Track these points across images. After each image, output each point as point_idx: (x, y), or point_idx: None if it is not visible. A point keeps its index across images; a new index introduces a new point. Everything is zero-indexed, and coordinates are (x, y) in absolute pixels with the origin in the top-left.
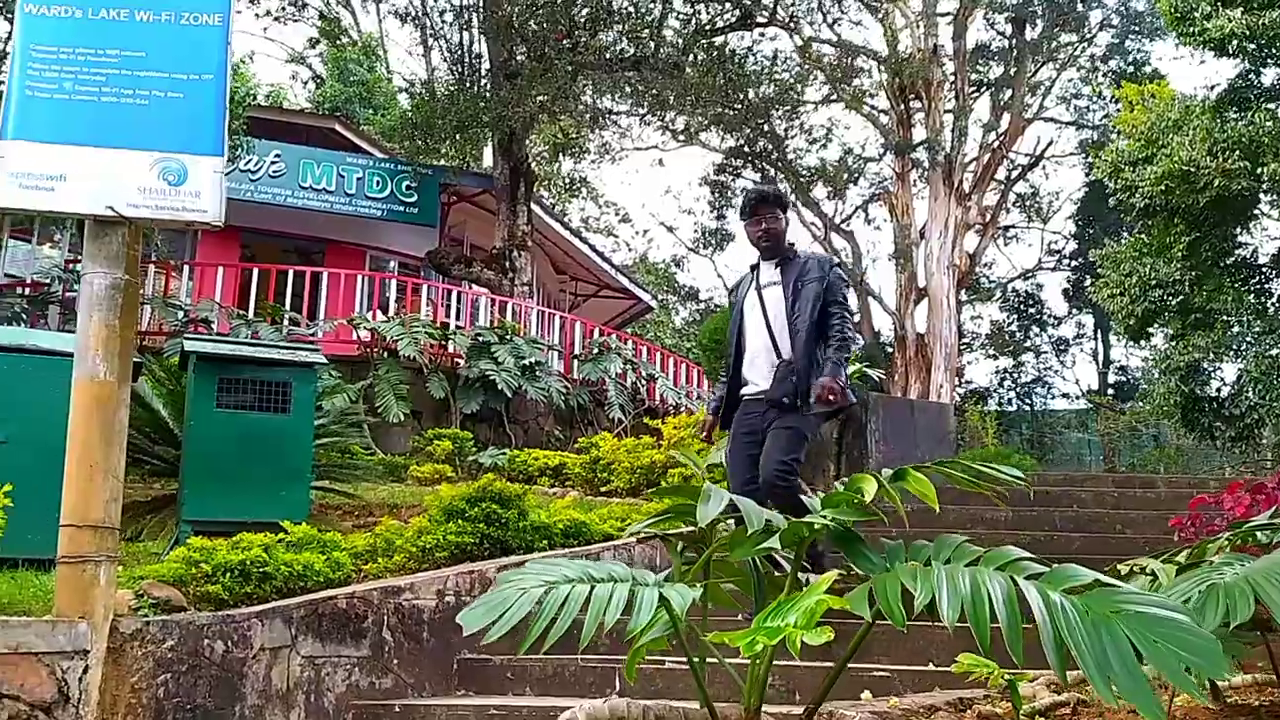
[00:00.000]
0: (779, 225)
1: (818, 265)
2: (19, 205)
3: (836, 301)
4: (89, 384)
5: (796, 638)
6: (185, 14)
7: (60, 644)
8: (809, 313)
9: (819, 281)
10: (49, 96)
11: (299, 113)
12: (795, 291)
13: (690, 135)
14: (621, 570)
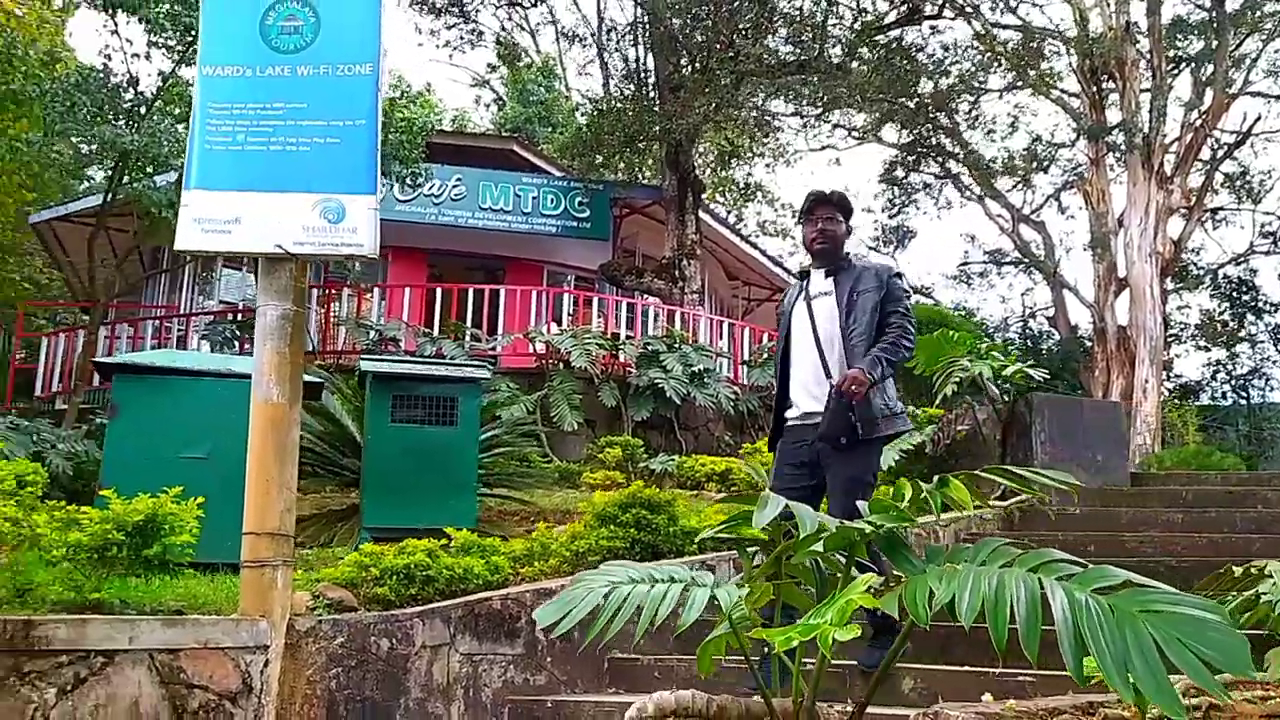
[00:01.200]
0: (838, 229)
1: (875, 274)
2: (201, 248)
3: (896, 312)
4: (264, 406)
5: (829, 634)
6: (340, 66)
7: (243, 640)
8: (865, 326)
9: (876, 290)
10: (224, 149)
11: (479, 136)
12: (850, 303)
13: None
14: (682, 573)
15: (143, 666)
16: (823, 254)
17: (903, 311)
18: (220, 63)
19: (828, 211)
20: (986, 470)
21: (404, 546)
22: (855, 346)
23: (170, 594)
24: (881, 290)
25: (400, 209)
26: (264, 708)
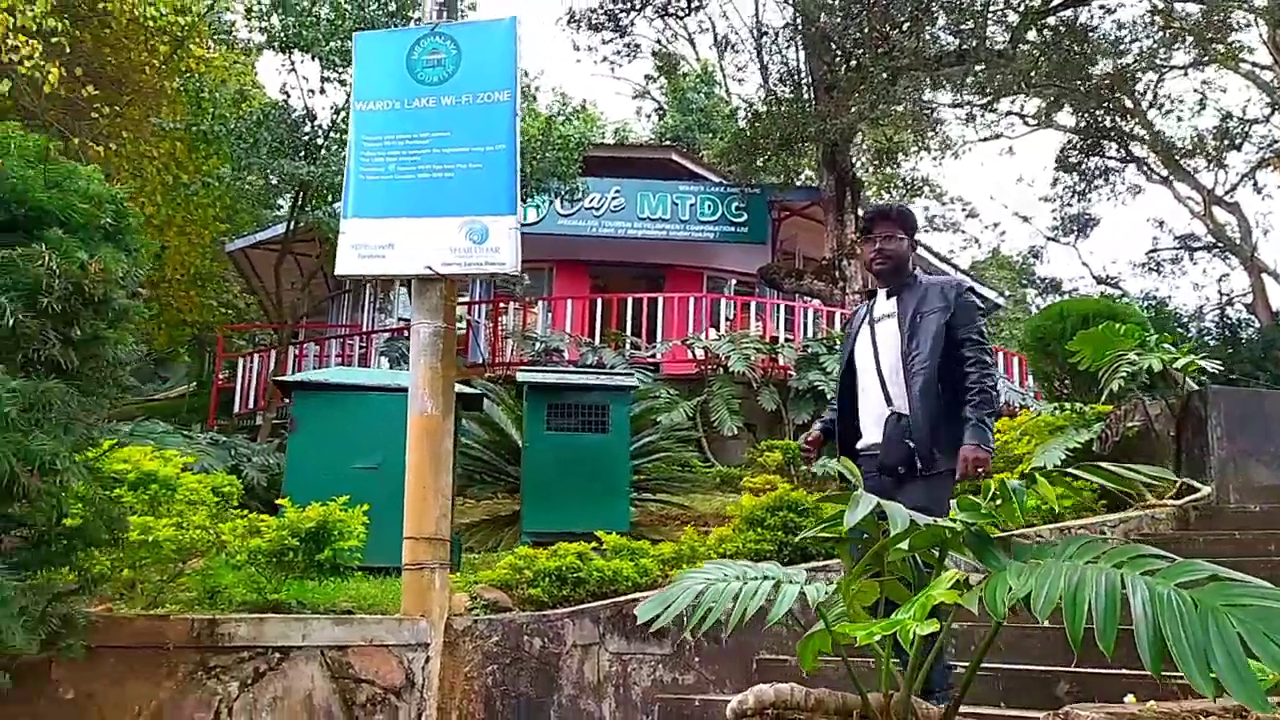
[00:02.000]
0: (899, 247)
1: (940, 293)
2: (358, 272)
3: (970, 340)
4: (420, 418)
5: (909, 629)
6: (480, 94)
7: (405, 638)
8: (929, 352)
9: (942, 312)
10: (377, 178)
11: (637, 147)
12: (913, 325)
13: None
14: (776, 571)
15: (315, 662)
16: (884, 274)
17: (976, 339)
18: (372, 98)
19: (887, 228)
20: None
21: (555, 550)
22: (916, 375)
23: (342, 595)
24: (949, 311)
25: (562, 223)
26: (426, 702)
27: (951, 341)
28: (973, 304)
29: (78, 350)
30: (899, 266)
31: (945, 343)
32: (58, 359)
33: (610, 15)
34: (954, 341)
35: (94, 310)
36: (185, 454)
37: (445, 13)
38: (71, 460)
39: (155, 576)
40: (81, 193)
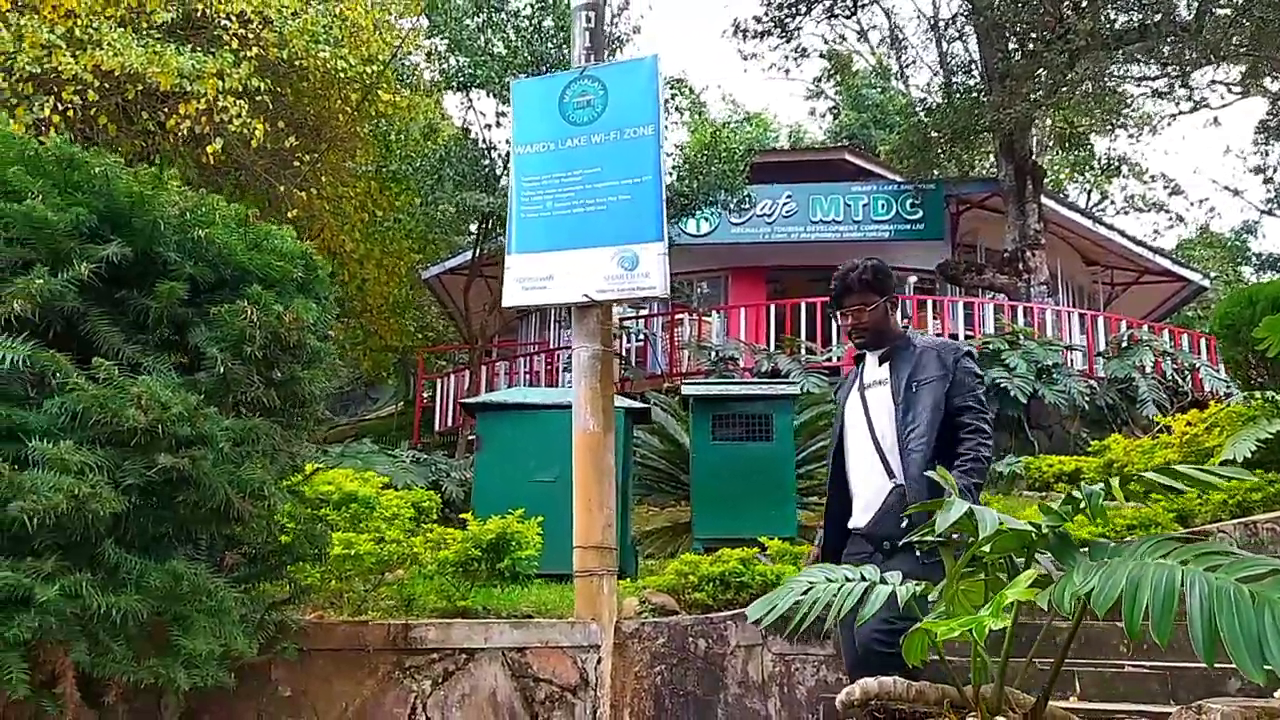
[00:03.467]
0: (874, 316)
1: (937, 359)
2: (522, 303)
3: (969, 407)
4: (583, 435)
5: (984, 625)
6: (627, 130)
7: (578, 640)
8: (926, 425)
9: (940, 381)
10: (536, 215)
11: (809, 150)
12: (908, 396)
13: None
14: (871, 573)
15: (497, 662)
16: (865, 345)
17: (976, 408)
18: (529, 141)
19: (855, 300)
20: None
21: (719, 555)
22: (914, 452)
23: (523, 601)
24: (947, 379)
25: (735, 231)
26: (600, 699)
27: (950, 410)
28: (971, 370)
29: (278, 390)
30: (880, 332)
31: (946, 413)
32: (261, 399)
33: (776, 21)
34: (953, 409)
35: (290, 354)
36: (384, 473)
37: (593, 56)
38: (277, 486)
39: (359, 586)
40: (277, 251)
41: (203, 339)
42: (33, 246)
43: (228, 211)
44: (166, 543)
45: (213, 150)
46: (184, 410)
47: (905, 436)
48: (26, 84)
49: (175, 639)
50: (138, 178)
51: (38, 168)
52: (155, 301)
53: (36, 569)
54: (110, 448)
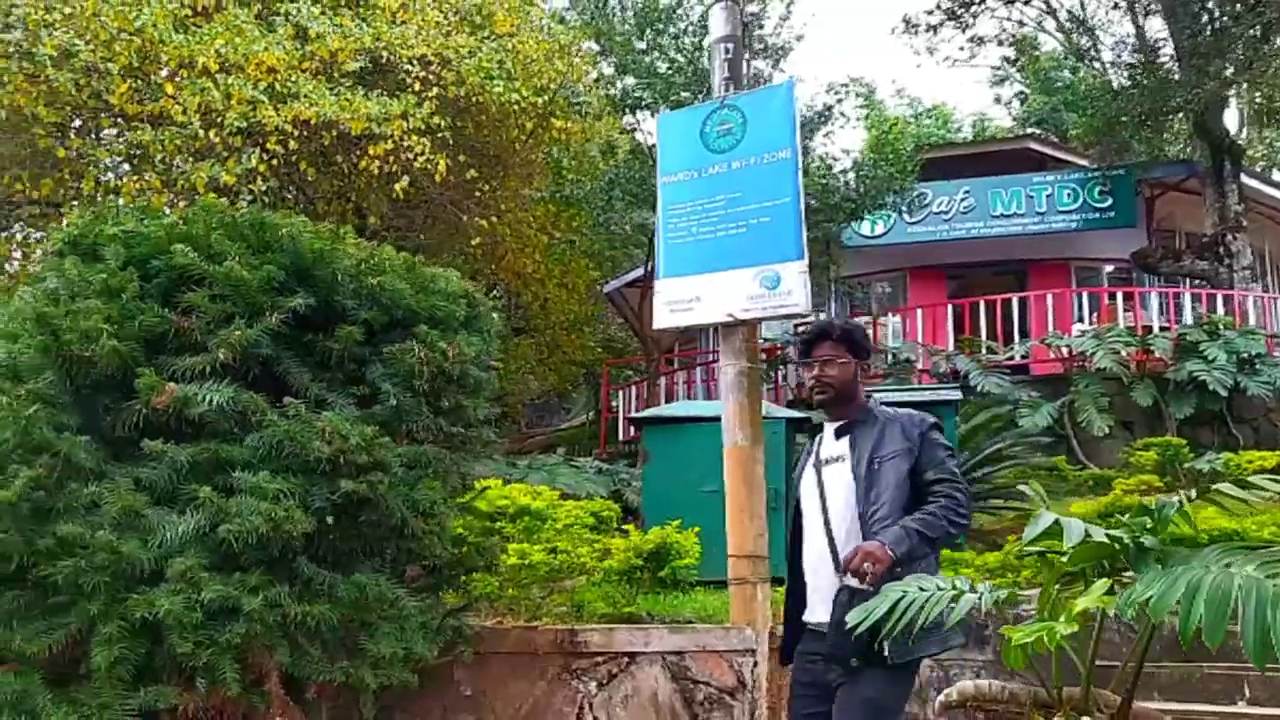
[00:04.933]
0: (843, 373)
1: (900, 432)
2: (671, 325)
3: (940, 479)
4: (733, 449)
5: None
6: (765, 155)
7: (733, 644)
8: (890, 506)
9: (905, 456)
10: (681, 241)
11: (989, 140)
12: (870, 474)
13: None
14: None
15: (657, 665)
16: (826, 404)
17: (949, 478)
18: (674, 170)
19: (827, 351)
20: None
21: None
22: (879, 535)
23: (686, 608)
24: (914, 453)
25: (912, 231)
26: (757, 701)
27: (919, 485)
28: (939, 442)
29: (445, 418)
30: (844, 395)
31: (914, 492)
32: (430, 426)
33: (948, 13)
34: (923, 484)
35: (456, 385)
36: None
37: (731, 85)
38: (447, 504)
39: (535, 594)
40: (442, 292)
41: (378, 375)
42: (232, 301)
43: (396, 259)
44: (354, 557)
45: (401, 187)
46: (361, 440)
47: (870, 517)
48: (235, 137)
49: (363, 643)
50: (319, 235)
51: (235, 232)
52: (336, 344)
53: (243, 583)
54: (300, 475)
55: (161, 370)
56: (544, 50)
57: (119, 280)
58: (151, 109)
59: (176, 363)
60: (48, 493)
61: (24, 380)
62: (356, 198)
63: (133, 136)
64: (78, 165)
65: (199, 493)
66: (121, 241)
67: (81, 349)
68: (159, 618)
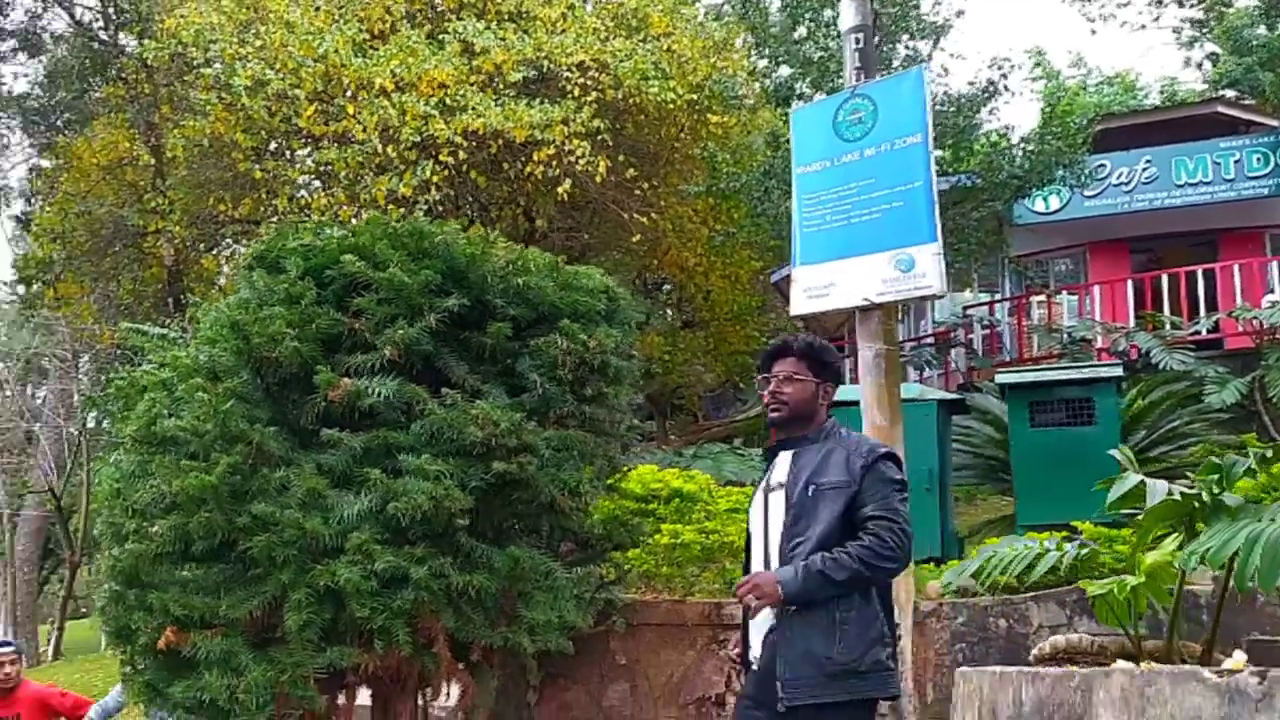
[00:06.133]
0: (799, 391)
1: (844, 462)
2: (808, 311)
3: (875, 516)
4: (871, 429)
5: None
6: (897, 140)
7: None
8: (819, 539)
9: (843, 489)
10: (816, 230)
11: (1172, 106)
12: (801, 501)
13: None
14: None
15: None
16: (779, 423)
17: (885, 516)
18: (808, 161)
19: (787, 367)
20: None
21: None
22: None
23: None
24: (853, 485)
25: (1090, 204)
26: (902, 673)
27: (856, 522)
28: (887, 478)
29: (588, 404)
30: (799, 415)
31: (848, 530)
32: (574, 412)
33: None
34: (858, 521)
35: (598, 374)
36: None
37: (863, 74)
38: (593, 485)
39: (690, 572)
40: (583, 289)
41: (526, 367)
42: (395, 304)
43: (540, 260)
44: (509, 533)
45: (564, 190)
46: (511, 426)
47: (788, 553)
48: (411, 151)
49: (520, 611)
50: (470, 241)
51: (396, 241)
52: (488, 339)
53: (411, 554)
54: (458, 458)
55: (336, 367)
56: (699, 48)
57: (298, 289)
58: (335, 129)
59: (349, 360)
60: (244, 477)
61: (222, 379)
62: (525, 202)
63: (320, 156)
64: (273, 185)
65: (370, 475)
66: (300, 254)
67: (268, 350)
68: (340, 586)
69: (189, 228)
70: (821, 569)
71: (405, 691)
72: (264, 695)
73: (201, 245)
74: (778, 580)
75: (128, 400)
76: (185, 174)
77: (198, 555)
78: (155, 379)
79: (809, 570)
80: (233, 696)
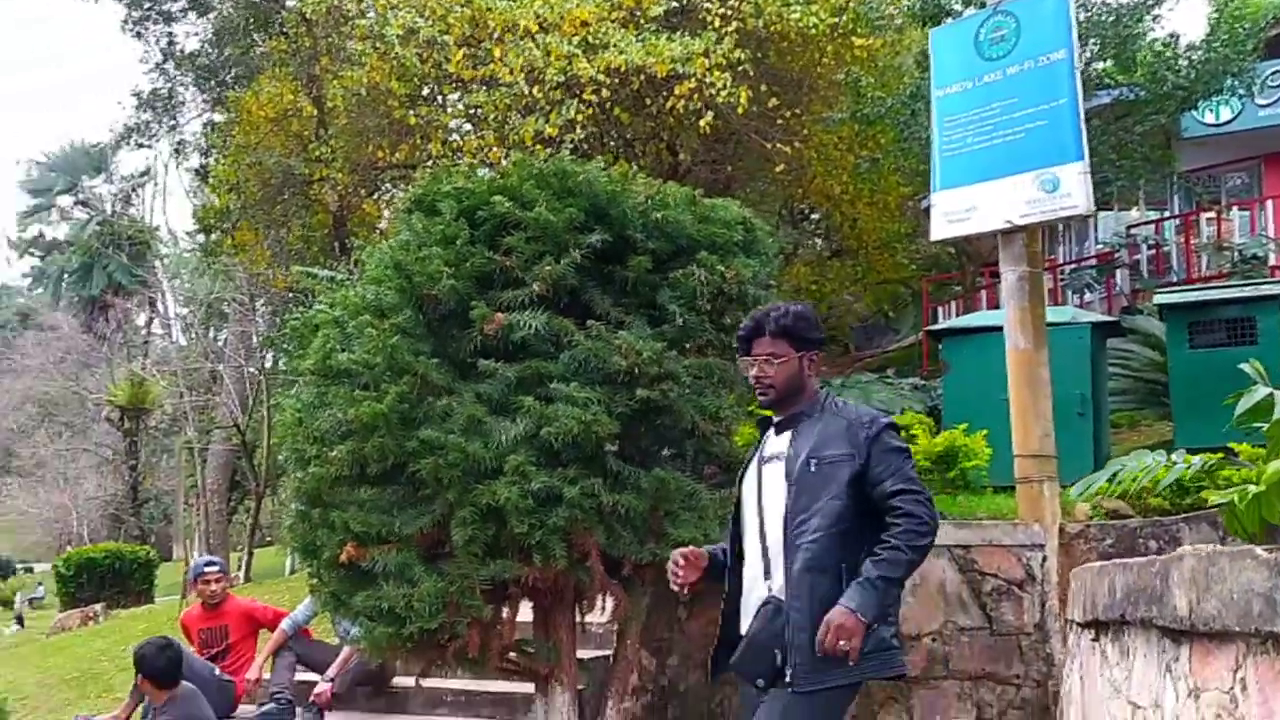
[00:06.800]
0: (784, 371)
1: (845, 433)
2: (948, 235)
3: (898, 490)
4: (1014, 353)
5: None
6: (1040, 58)
7: (1020, 540)
8: (824, 516)
9: (847, 462)
10: (956, 153)
11: None
12: (803, 477)
13: None
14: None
15: (944, 558)
16: (769, 405)
17: (907, 489)
18: (948, 83)
19: (766, 347)
20: None
21: (1174, 462)
22: (800, 549)
23: (979, 508)
24: (859, 457)
25: (1264, 114)
26: (1047, 594)
27: (874, 498)
28: (893, 446)
29: (727, 334)
30: (787, 394)
31: (855, 502)
32: (713, 341)
33: None
34: (876, 497)
35: (736, 304)
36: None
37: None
38: (733, 410)
39: None
40: (720, 221)
41: (666, 298)
42: (542, 241)
43: (679, 194)
44: (655, 456)
45: (705, 123)
46: (653, 355)
47: (795, 528)
48: (556, 90)
49: (666, 529)
50: (611, 178)
51: (542, 181)
52: (630, 272)
53: (563, 475)
54: (604, 386)
55: (490, 303)
56: None
57: (453, 230)
58: (483, 73)
59: (501, 296)
60: (411, 406)
61: (388, 316)
62: (668, 137)
63: (469, 99)
64: (427, 130)
65: (524, 402)
66: (454, 197)
67: (428, 288)
68: (500, 504)
69: (350, 174)
70: (882, 575)
71: (563, 604)
72: (436, 604)
73: (362, 191)
74: (852, 609)
75: (302, 339)
76: (345, 123)
77: (372, 477)
78: (328, 317)
79: (872, 584)
80: (408, 605)
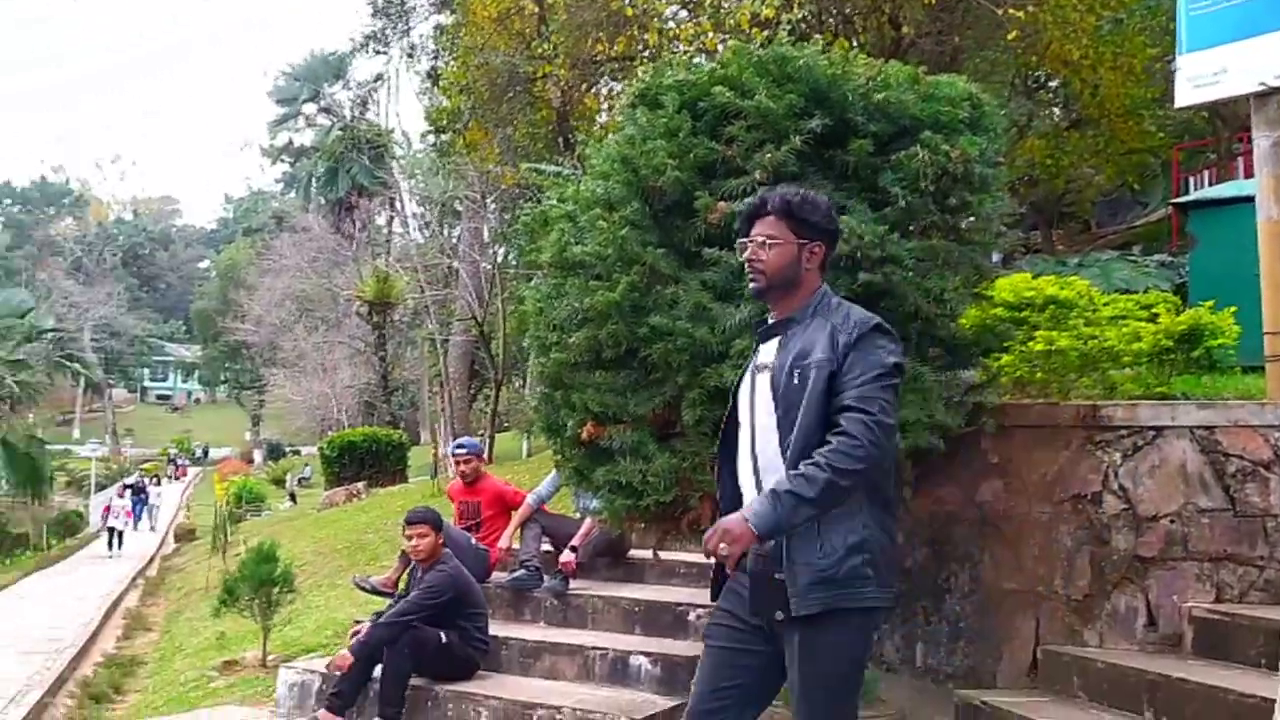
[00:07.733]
0: (779, 257)
1: (828, 336)
2: (1194, 101)
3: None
4: (1266, 224)
5: None
6: None
7: (1269, 420)
8: (811, 423)
9: (825, 367)
10: (1204, 10)
11: None
12: (788, 388)
13: None
14: None
15: (1185, 439)
16: (759, 294)
17: (857, 408)
18: None
19: (764, 229)
20: None
21: None
22: (792, 459)
23: (1225, 388)
24: (837, 360)
25: None
26: None
27: (843, 404)
28: (872, 358)
29: (952, 215)
30: (778, 284)
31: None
32: (937, 223)
33: None
34: (833, 411)
35: (962, 183)
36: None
37: None
38: (958, 293)
39: (1066, 378)
40: (944, 98)
41: (888, 181)
42: (762, 129)
43: (900, 73)
44: None
45: None
46: (874, 238)
47: (787, 438)
48: None
49: None
50: (831, 61)
51: (761, 69)
52: (851, 156)
53: None
54: (828, 270)
55: (713, 192)
56: None
57: (675, 122)
58: None
59: (724, 185)
60: (641, 294)
61: (616, 209)
62: (890, 9)
63: None
64: (643, 20)
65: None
66: (675, 90)
67: (653, 180)
68: (727, 386)
69: (571, 69)
70: (791, 489)
71: None
72: (668, 479)
73: (584, 86)
74: (746, 519)
75: (534, 233)
76: (565, 18)
77: (607, 362)
78: (560, 212)
79: (777, 497)
80: (644, 479)
